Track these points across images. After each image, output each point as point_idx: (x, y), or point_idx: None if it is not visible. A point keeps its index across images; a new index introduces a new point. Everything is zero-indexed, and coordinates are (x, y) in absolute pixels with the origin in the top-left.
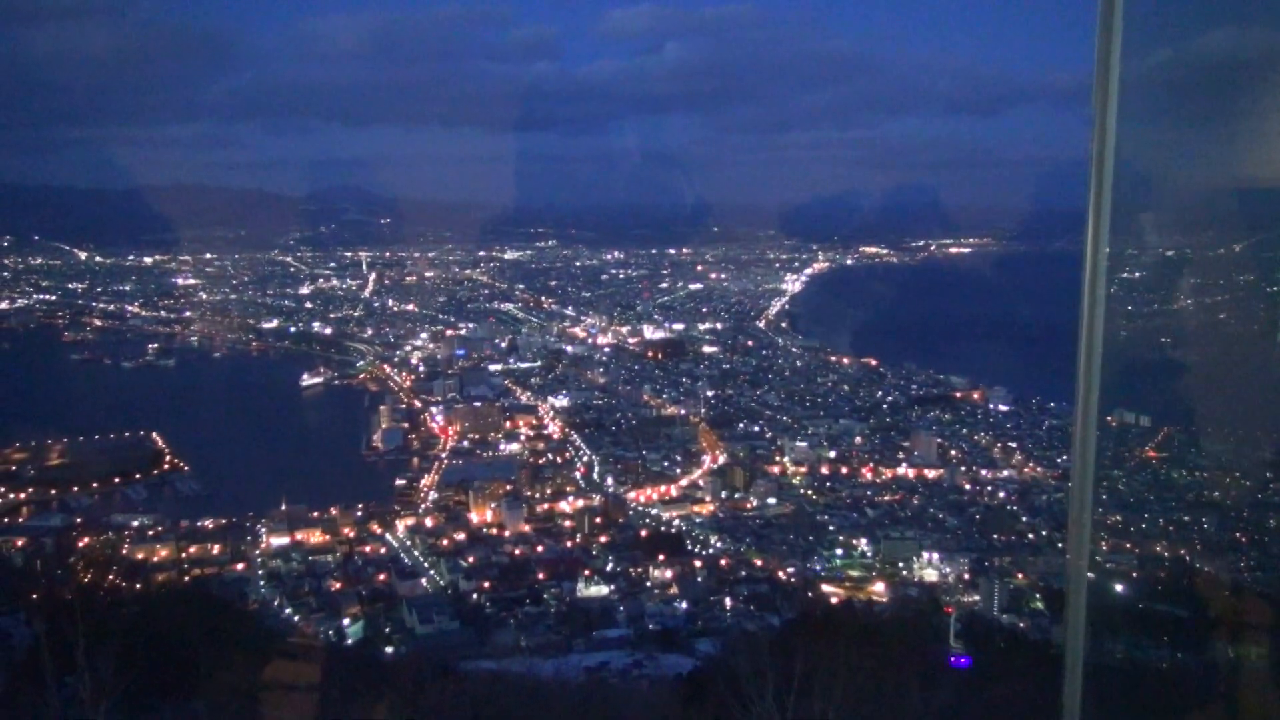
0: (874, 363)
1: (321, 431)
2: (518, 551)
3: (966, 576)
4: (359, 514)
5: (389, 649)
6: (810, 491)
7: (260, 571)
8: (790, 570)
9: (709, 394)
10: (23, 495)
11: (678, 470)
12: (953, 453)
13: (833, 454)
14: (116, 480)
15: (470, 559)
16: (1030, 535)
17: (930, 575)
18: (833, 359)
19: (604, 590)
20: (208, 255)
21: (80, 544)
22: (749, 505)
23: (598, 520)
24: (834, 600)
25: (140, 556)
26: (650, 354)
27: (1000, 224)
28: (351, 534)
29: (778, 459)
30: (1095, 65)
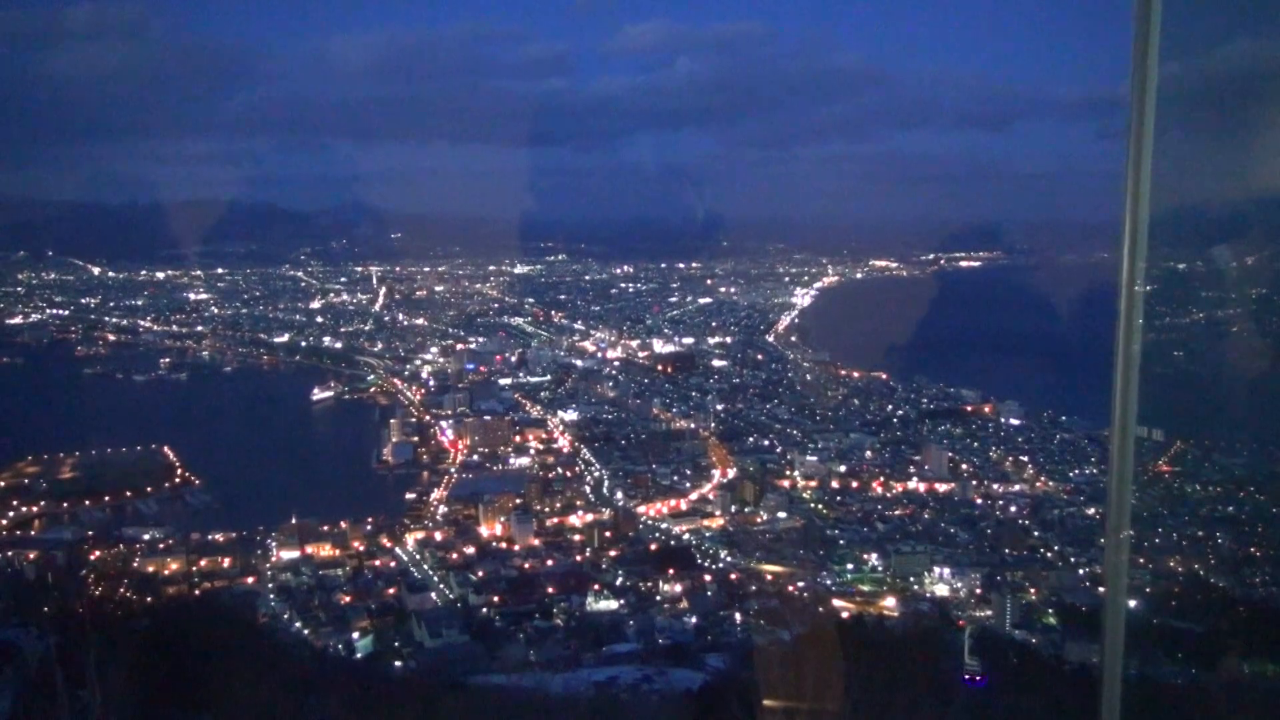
0: (884, 376)
1: (332, 445)
2: (527, 565)
3: (978, 591)
4: (369, 527)
5: (398, 663)
6: (820, 505)
7: (271, 585)
8: (801, 584)
9: (719, 408)
10: (35, 508)
11: (687, 484)
12: (964, 467)
13: (843, 468)
14: (128, 494)
15: (480, 573)
16: (1042, 550)
17: (941, 590)
18: (843, 372)
19: (614, 604)
20: (219, 270)
21: (92, 557)
22: (759, 519)
23: (607, 534)
24: (845, 615)
25: (151, 570)
26: (660, 368)
27: (1010, 237)
28: (361, 547)
29: (788, 473)
30: (1131, 75)
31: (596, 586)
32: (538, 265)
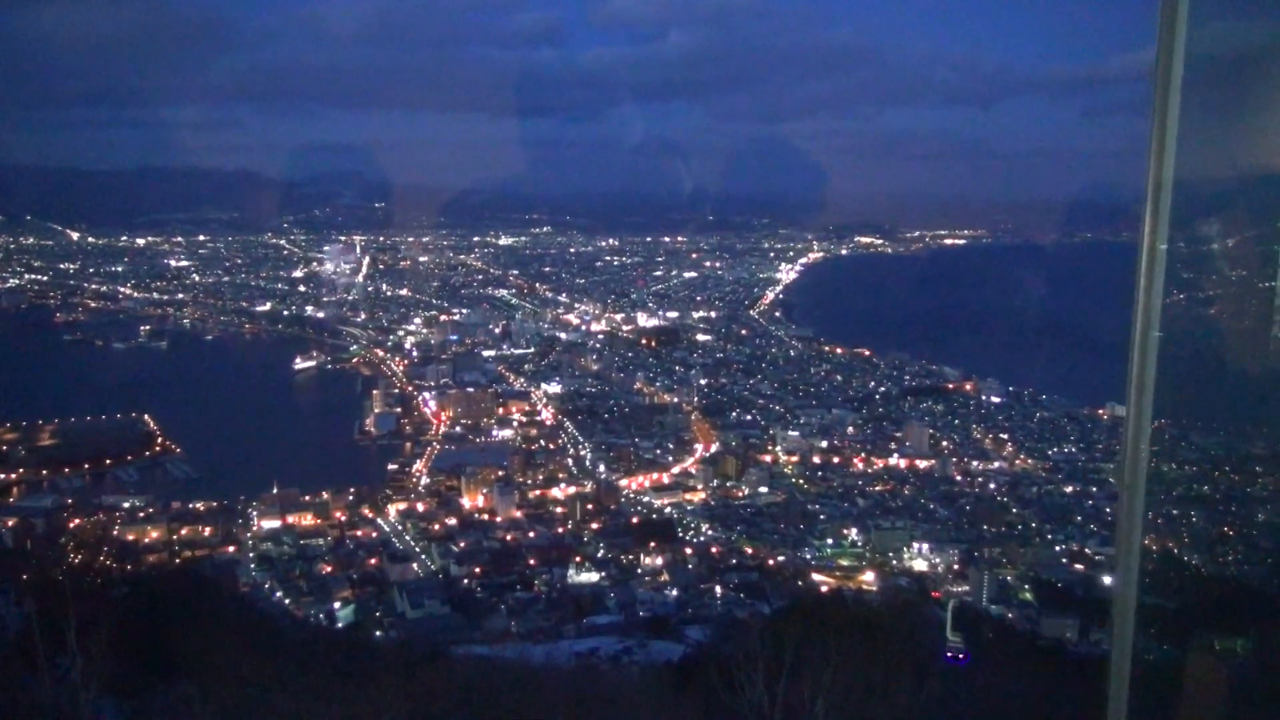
0: (867, 353)
1: (314, 415)
2: (509, 537)
3: (956, 567)
4: (351, 498)
5: (380, 633)
6: (802, 480)
7: (251, 554)
8: (781, 559)
9: (702, 382)
10: (14, 476)
11: (670, 458)
12: (944, 443)
13: (825, 443)
14: (108, 462)
15: (462, 544)
16: (1020, 527)
17: (920, 565)
18: (826, 348)
19: (595, 577)
20: (201, 237)
21: (71, 525)
22: (741, 494)
23: (589, 507)
24: (824, 589)
25: (131, 538)
26: (644, 341)
27: (995, 216)
28: (343, 518)
29: (770, 448)
30: (1157, 44)
31: (578, 559)
32: (522, 237)
